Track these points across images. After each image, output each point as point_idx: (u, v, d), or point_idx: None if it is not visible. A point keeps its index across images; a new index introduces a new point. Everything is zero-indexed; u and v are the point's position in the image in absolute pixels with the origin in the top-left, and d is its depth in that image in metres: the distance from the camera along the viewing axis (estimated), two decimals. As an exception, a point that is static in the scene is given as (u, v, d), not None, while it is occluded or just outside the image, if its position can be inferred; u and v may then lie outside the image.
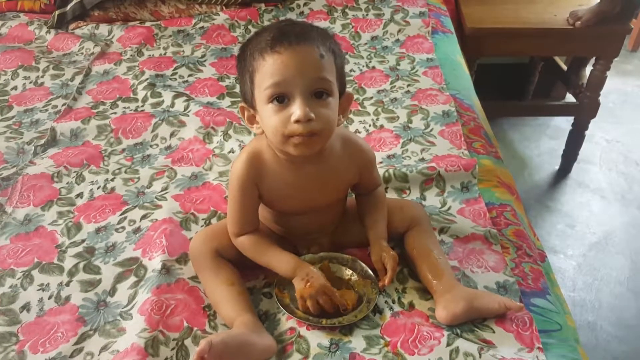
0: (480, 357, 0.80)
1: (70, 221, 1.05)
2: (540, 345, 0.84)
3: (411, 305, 0.90)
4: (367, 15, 1.75)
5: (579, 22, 1.82)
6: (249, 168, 0.87)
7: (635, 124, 2.47)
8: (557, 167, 2.23)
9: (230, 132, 1.27)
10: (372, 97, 1.41)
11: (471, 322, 0.86)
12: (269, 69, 0.79)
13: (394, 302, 0.90)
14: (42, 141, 1.25)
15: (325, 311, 0.85)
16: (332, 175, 0.90)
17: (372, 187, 0.98)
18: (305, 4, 1.80)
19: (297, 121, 0.78)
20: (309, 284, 0.84)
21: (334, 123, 0.83)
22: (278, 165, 0.87)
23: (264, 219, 0.96)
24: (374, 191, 0.98)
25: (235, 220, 0.90)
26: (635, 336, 1.62)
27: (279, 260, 0.88)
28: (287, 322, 0.86)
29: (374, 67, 1.53)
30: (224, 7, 1.78)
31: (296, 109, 0.78)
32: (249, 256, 0.90)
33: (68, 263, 0.96)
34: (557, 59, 2.26)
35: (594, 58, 1.96)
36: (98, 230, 1.03)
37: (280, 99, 0.80)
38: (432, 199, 1.10)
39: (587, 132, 2.11)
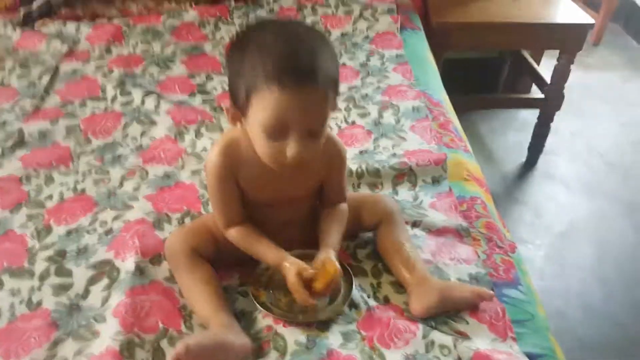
0: (455, 348, 0.81)
1: (40, 224, 1.03)
2: (514, 335, 0.86)
3: (386, 299, 0.91)
4: (336, 12, 1.76)
5: None
6: (224, 157, 0.87)
7: (598, 116, 2.54)
8: (523, 160, 2.28)
9: (203, 130, 1.26)
10: (343, 94, 1.42)
11: (445, 314, 0.88)
12: (270, 103, 0.76)
13: (369, 296, 0.91)
14: (10, 143, 1.22)
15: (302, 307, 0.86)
16: (306, 164, 0.88)
17: (337, 197, 0.96)
18: (275, 1, 1.80)
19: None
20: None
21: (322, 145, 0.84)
22: (254, 153, 0.86)
23: None
24: (338, 205, 0.96)
25: (219, 212, 0.90)
26: (602, 321, 1.68)
27: (267, 252, 0.89)
28: (263, 320, 0.86)
29: (344, 64, 1.54)
30: (193, 4, 1.77)
31: (291, 149, 0.79)
32: (240, 247, 0.91)
33: (39, 267, 0.94)
34: (524, 53, 2.30)
35: (559, 52, 2.01)
36: (69, 233, 1.01)
37: (276, 133, 0.79)
38: (404, 194, 1.12)
39: (552, 125, 2.16)
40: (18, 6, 1.70)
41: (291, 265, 0.85)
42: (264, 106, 0.77)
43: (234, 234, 0.90)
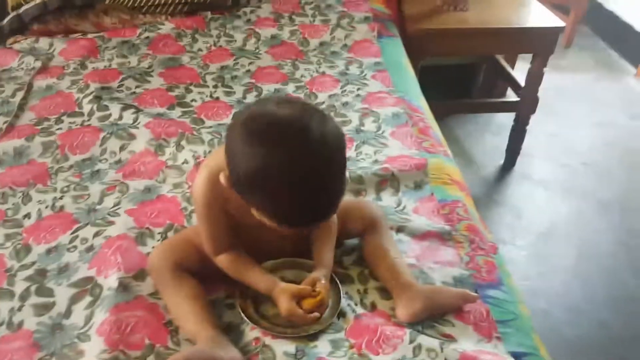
0: (442, 351, 0.82)
1: (19, 243, 1.01)
2: (499, 335, 0.87)
3: (373, 306, 0.92)
4: (314, 21, 1.77)
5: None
6: (211, 186, 0.86)
7: (573, 117, 2.59)
8: (501, 162, 2.31)
9: (183, 142, 1.25)
10: (324, 102, 1.42)
11: (431, 318, 0.89)
12: (279, 226, 0.79)
13: (356, 304, 0.91)
14: (-16, 162, 1.19)
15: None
16: None
17: None
18: (252, 12, 1.81)
19: None
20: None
21: None
22: None
23: None
24: None
25: (208, 240, 0.89)
26: (586, 320, 1.70)
27: (258, 281, 0.89)
28: (251, 333, 0.86)
29: (324, 73, 1.55)
30: (169, 17, 1.76)
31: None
32: (230, 275, 0.90)
33: (19, 287, 0.92)
34: (499, 57, 2.34)
35: (532, 55, 2.05)
36: (49, 251, 0.99)
37: None
38: (388, 199, 1.13)
39: (528, 127, 2.20)
40: (-12, 23, 1.68)
41: (283, 291, 0.86)
42: (271, 221, 0.79)
43: (223, 262, 0.90)
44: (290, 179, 0.73)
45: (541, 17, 2.00)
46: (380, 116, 1.35)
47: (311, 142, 0.74)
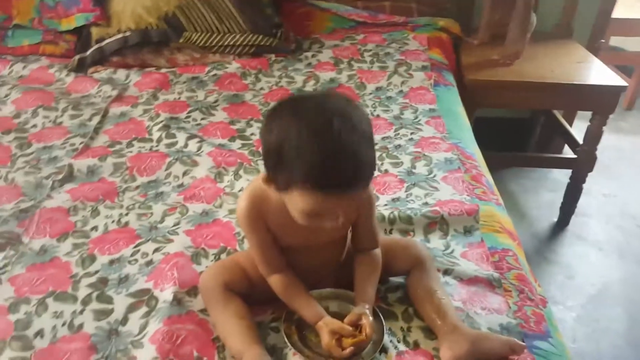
0: (484, 396, 0.80)
1: (85, 253, 1.08)
2: (544, 386, 0.85)
3: (416, 345, 0.91)
4: (372, 67, 1.83)
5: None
6: (253, 205, 0.89)
7: (631, 179, 2.53)
8: (555, 219, 2.26)
9: (241, 172, 1.31)
10: (377, 143, 1.46)
11: (475, 363, 0.87)
12: (312, 201, 0.79)
13: (399, 341, 0.91)
14: (60, 176, 1.29)
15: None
16: None
17: (369, 243, 0.97)
18: (313, 56, 1.90)
19: None
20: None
21: None
22: (282, 201, 0.87)
23: None
24: (371, 252, 0.97)
25: (259, 260, 0.92)
26: (637, 388, 1.61)
27: (306, 310, 0.90)
28: (293, 358, 0.87)
29: (378, 116, 1.59)
30: (236, 57, 1.87)
31: (330, 223, 0.83)
32: (280, 297, 0.92)
33: (82, 292, 0.99)
34: (556, 113, 2.33)
35: (592, 113, 2.03)
36: (111, 262, 1.05)
37: (315, 216, 0.82)
38: (436, 242, 1.13)
39: (584, 186, 2.16)
40: (73, 53, 1.83)
41: (326, 325, 0.87)
42: (305, 200, 0.79)
43: (275, 283, 0.92)
44: (310, 140, 0.76)
45: (602, 75, 1.98)
46: (432, 160, 1.38)
47: (331, 110, 0.79)
